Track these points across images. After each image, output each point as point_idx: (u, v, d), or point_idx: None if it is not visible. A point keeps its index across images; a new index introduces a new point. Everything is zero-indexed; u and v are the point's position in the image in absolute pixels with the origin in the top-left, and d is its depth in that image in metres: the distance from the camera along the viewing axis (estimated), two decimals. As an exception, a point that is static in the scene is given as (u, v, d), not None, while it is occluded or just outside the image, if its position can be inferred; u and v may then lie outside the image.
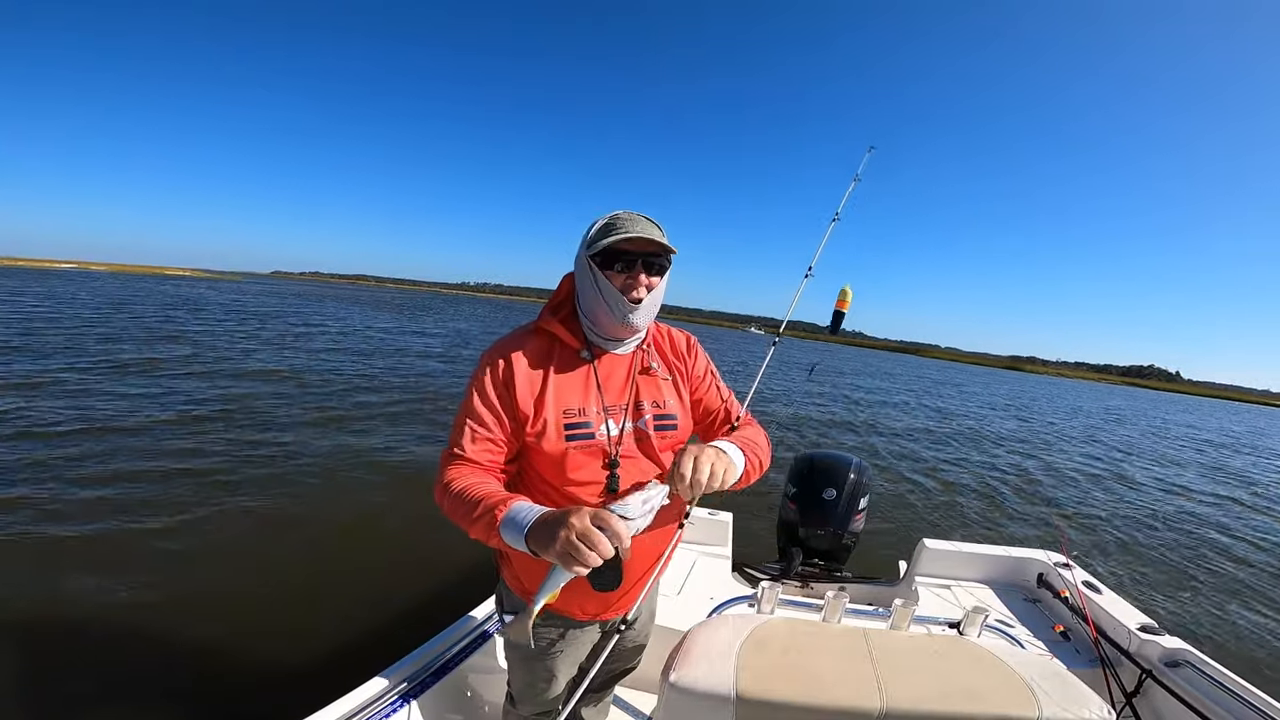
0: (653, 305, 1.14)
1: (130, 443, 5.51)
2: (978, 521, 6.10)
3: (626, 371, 1.19)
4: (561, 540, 0.86)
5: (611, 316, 1.11)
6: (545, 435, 1.09)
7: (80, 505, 4.06)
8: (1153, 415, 28.88)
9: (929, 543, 2.53)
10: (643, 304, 1.11)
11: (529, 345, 1.15)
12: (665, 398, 1.21)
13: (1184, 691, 1.73)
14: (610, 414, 1.14)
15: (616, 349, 1.19)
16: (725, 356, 25.94)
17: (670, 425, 1.20)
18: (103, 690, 2.45)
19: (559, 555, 0.87)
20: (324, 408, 7.79)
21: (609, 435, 1.13)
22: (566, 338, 1.15)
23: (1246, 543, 6.51)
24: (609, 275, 1.09)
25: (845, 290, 2.01)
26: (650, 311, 1.15)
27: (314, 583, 3.40)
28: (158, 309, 21.63)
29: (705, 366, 1.33)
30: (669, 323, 1.34)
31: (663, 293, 1.16)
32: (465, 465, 1.09)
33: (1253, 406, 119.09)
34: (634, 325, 1.13)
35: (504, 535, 0.95)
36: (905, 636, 1.24)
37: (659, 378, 1.22)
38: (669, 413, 1.20)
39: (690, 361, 1.29)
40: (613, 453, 1.12)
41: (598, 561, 0.86)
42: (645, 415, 1.17)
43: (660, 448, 1.19)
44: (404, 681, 1.45)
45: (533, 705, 1.34)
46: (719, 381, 1.34)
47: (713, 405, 1.31)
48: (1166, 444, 16.01)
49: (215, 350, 12.14)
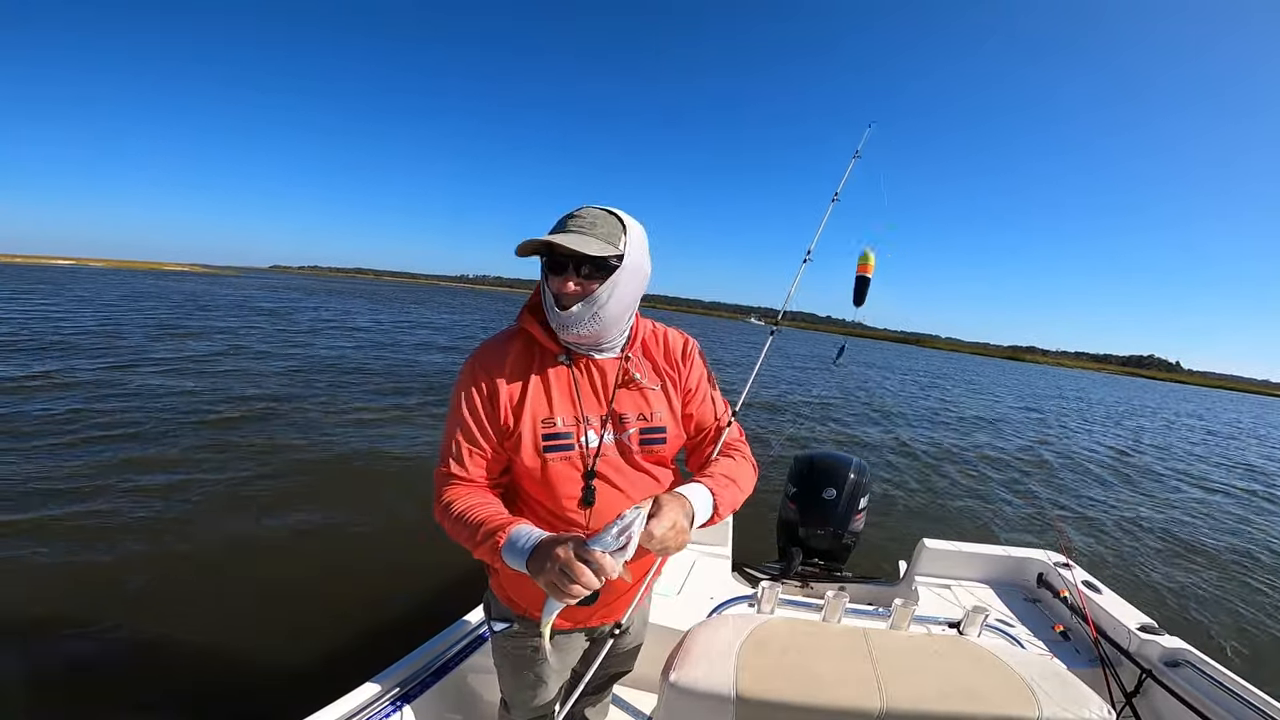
0: (595, 312, 1.02)
1: (131, 442, 5.52)
2: (978, 521, 6.10)
3: (610, 379, 1.12)
4: (548, 572, 0.88)
5: (554, 321, 1.05)
6: (523, 446, 1.06)
7: (81, 506, 4.06)
8: (1155, 405, 28.81)
9: (929, 542, 2.53)
10: (574, 311, 1.01)
11: (510, 350, 1.10)
12: (654, 409, 1.14)
13: (1184, 691, 1.73)
14: (590, 424, 1.09)
15: (597, 355, 1.12)
16: (729, 351, 25.96)
17: (658, 439, 1.14)
18: (102, 690, 2.46)
19: (547, 585, 0.89)
20: (327, 406, 7.80)
21: (587, 447, 1.08)
22: (545, 340, 1.09)
23: (1247, 542, 6.51)
24: (549, 279, 1.03)
25: (867, 253, 1.77)
26: (593, 319, 1.03)
27: (311, 585, 3.40)
28: (176, 306, 21.57)
29: (700, 377, 1.22)
30: (667, 316, 1.28)
31: (622, 298, 1.04)
32: (461, 485, 1.08)
33: (1252, 396, 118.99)
34: (573, 334, 1.05)
35: (507, 560, 0.96)
36: (905, 636, 1.24)
37: (646, 388, 1.14)
38: (657, 425, 1.13)
39: (685, 370, 1.20)
40: (590, 465, 1.08)
41: (583, 593, 0.87)
42: (630, 428, 1.11)
43: (646, 461, 1.14)
44: (401, 684, 1.45)
45: (525, 711, 1.32)
46: (715, 393, 1.26)
47: (705, 421, 1.23)
48: (1173, 436, 16.01)
49: (216, 347, 12.15)
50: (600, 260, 0.99)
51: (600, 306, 1.02)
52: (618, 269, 1.02)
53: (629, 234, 1.03)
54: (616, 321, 1.07)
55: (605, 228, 1.00)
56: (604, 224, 1.01)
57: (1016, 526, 6.08)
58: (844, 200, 1.90)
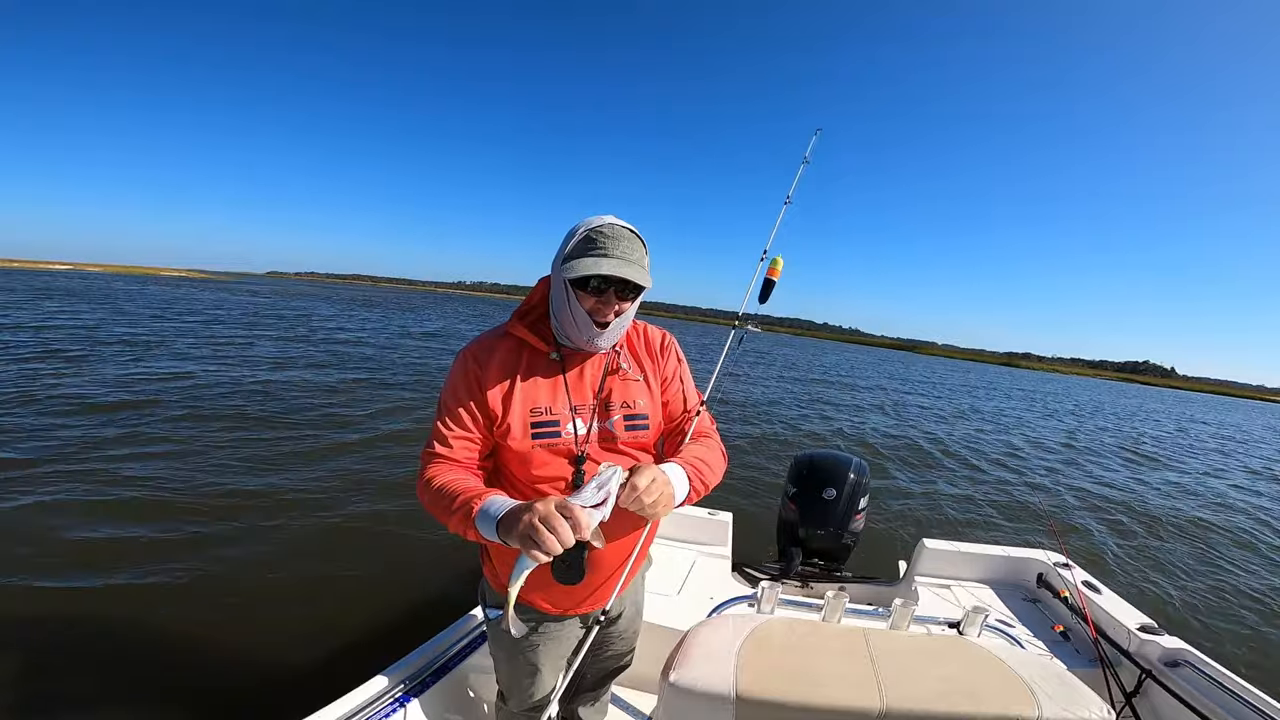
0: (620, 326, 1.15)
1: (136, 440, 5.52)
2: (978, 521, 6.10)
3: (596, 371, 1.20)
4: (524, 524, 0.88)
5: (579, 334, 1.13)
6: (512, 434, 1.12)
7: (81, 503, 4.06)
8: (1155, 409, 28.84)
9: (929, 543, 2.53)
10: (609, 328, 1.11)
11: (500, 347, 1.16)
12: (636, 397, 1.21)
13: (1184, 691, 1.73)
14: (578, 413, 1.15)
15: (589, 351, 1.20)
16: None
17: (641, 425, 1.21)
18: (102, 690, 2.45)
19: (520, 539, 0.89)
20: (331, 405, 7.80)
21: (575, 434, 1.14)
22: (535, 342, 1.16)
23: (1248, 543, 6.51)
24: (580, 295, 1.09)
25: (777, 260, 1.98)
26: (617, 333, 1.15)
27: (314, 582, 3.40)
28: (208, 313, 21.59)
29: (675, 368, 1.31)
30: (659, 320, 1.33)
31: (635, 310, 1.16)
32: (444, 463, 1.12)
33: (1247, 401, 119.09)
34: (599, 347, 1.16)
35: (479, 527, 0.98)
36: (905, 636, 1.24)
37: (630, 378, 1.22)
38: (640, 413, 1.21)
39: (662, 361, 1.29)
40: (579, 451, 1.14)
41: (557, 547, 0.87)
42: (614, 415, 1.18)
43: (631, 447, 1.20)
44: (403, 681, 1.45)
45: (521, 701, 1.34)
46: (688, 385, 1.34)
47: (676, 410, 1.31)
48: (1174, 440, 16.02)
49: (220, 348, 12.15)
50: (642, 287, 1.10)
51: (627, 320, 1.16)
52: (644, 290, 1.12)
53: (648, 254, 1.13)
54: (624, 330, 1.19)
55: (637, 253, 1.09)
56: (636, 249, 1.09)
57: (1016, 527, 6.08)
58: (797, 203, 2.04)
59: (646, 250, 1.12)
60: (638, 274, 1.06)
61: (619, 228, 1.08)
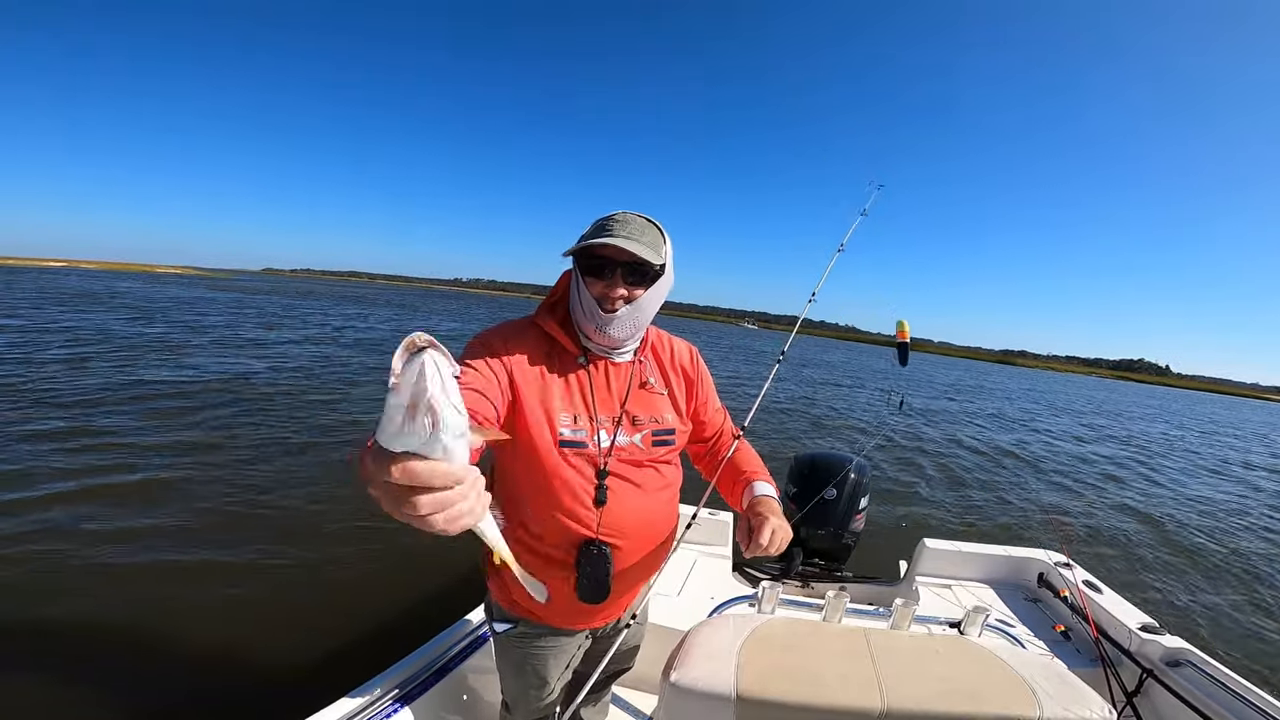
0: (636, 316, 1.08)
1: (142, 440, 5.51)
2: (978, 520, 6.10)
3: (623, 382, 1.15)
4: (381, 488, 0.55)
5: (588, 322, 1.08)
6: (534, 430, 1.04)
7: (81, 503, 4.05)
8: (1155, 409, 28.88)
9: (929, 542, 2.53)
10: (619, 315, 1.05)
11: (528, 338, 1.10)
12: (663, 413, 1.18)
13: (1185, 691, 1.73)
14: (603, 424, 1.10)
15: (614, 357, 1.15)
16: (729, 356, 25.99)
17: (668, 441, 1.18)
18: (101, 691, 2.44)
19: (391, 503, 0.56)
20: (332, 404, 7.79)
21: (600, 445, 1.09)
22: (564, 340, 1.10)
23: (1248, 542, 6.51)
24: (588, 281, 1.05)
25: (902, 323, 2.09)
26: (632, 323, 1.08)
27: (312, 585, 3.39)
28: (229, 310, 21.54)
29: (710, 386, 1.32)
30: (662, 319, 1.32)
31: (655, 303, 1.10)
32: None
33: (1243, 400, 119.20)
34: (611, 336, 1.08)
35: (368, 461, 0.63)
36: (906, 636, 1.24)
37: (655, 392, 1.19)
38: (667, 428, 1.18)
39: (696, 379, 1.28)
40: (603, 463, 1.09)
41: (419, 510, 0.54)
42: (644, 430, 1.14)
43: (655, 461, 1.16)
44: (401, 684, 1.45)
45: (527, 713, 1.32)
46: (715, 399, 1.35)
47: (715, 425, 1.33)
48: (1171, 439, 16.02)
49: (225, 343, 12.14)
50: (648, 267, 1.03)
51: (641, 311, 1.08)
52: (660, 277, 1.07)
53: (668, 243, 1.08)
54: (646, 326, 1.14)
55: (650, 236, 1.04)
56: (649, 233, 1.04)
57: (1017, 526, 6.08)
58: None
59: (666, 240, 1.07)
60: (644, 251, 1.00)
61: (633, 214, 1.06)
